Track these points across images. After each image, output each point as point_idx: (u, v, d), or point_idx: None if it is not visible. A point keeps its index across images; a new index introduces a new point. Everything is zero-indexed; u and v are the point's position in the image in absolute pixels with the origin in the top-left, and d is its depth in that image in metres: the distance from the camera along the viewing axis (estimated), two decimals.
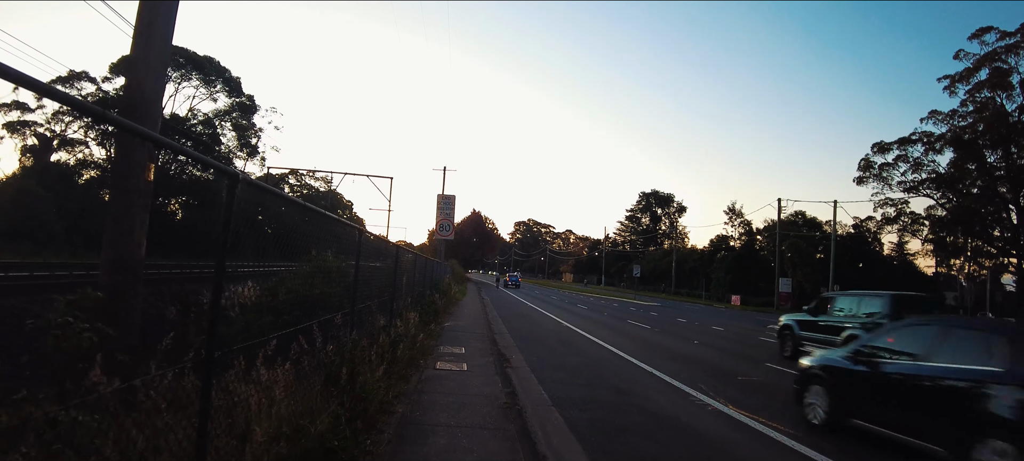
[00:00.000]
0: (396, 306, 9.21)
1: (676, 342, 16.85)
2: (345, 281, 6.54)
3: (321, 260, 6.48)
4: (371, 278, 7.79)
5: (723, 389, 9.55)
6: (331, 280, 6.40)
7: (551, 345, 14.19)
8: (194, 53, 50.16)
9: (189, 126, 47.51)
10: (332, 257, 6.46)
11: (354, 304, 6.49)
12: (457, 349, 11.25)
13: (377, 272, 8.41)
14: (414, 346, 8.53)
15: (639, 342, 16.09)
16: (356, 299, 6.58)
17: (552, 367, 10.66)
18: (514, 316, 22.91)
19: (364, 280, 7.03)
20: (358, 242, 6.52)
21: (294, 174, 61.84)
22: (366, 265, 7.16)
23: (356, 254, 6.45)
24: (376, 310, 8.04)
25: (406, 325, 8.84)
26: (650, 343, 16.05)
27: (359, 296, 6.71)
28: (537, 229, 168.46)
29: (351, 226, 6.76)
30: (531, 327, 18.67)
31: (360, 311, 6.84)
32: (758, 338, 20.23)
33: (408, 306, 10.03)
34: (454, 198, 22.29)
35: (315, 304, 5.78)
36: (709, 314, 35.71)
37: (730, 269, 64.76)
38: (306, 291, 5.88)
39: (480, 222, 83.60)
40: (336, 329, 5.88)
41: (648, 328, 20.99)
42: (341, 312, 6.06)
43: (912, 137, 43.95)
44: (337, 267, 6.49)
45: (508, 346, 12.91)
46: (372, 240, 7.91)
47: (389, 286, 8.92)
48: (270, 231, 4.76)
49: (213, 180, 44.72)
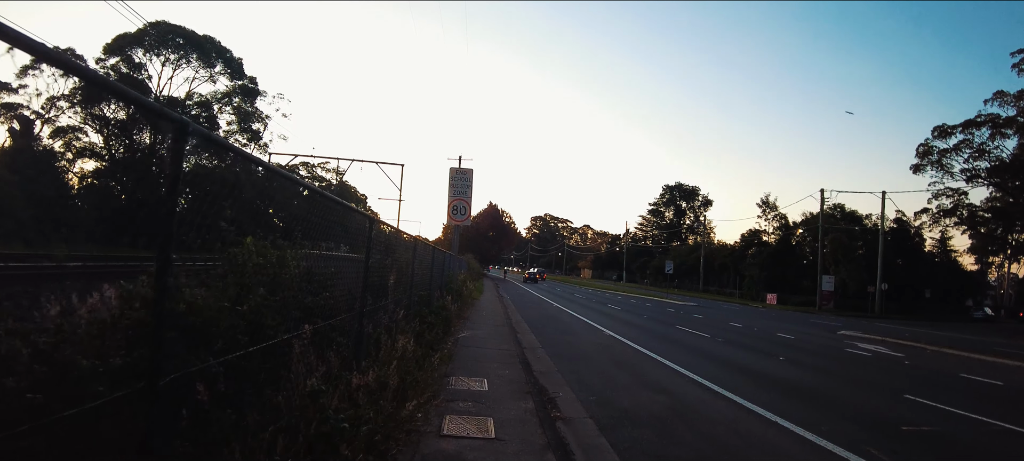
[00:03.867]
0: (373, 327, 5.45)
1: (758, 360, 12.95)
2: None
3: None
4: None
5: (907, 454, 5.84)
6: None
7: (603, 367, 10.37)
8: (193, 32, 47.10)
9: (184, 110, 44.25)
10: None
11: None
12: (476, 383, 7.48)
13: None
14: (399, 412, 4.61)
15: (712, 360, 12.22)
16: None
17: (623, 415, 6.87)
18: (542, 321, 19.11)
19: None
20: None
21: (305, 166, 58.52)
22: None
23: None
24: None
25: (385, 369, 4.94)
26: (727, 361, 12.17)
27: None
28: (554, 224, 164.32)
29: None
30: (567, 337, 14.86)
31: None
32: (845, 351, 16.27)
33: (401, 323, 6.24)
34: (471, 173, 17.86)
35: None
36: (756, 316, 31.61)
37: (764, 266, 60.33)
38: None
39: (497, 215, 79.74)
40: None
41: (707, 337, 17.08)
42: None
43: (977, 119, 39.29)
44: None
45: (546, 371, 9.14)
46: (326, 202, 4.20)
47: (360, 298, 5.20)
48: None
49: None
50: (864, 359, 14.67)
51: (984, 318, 52.91)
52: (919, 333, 24.70)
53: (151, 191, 37.39)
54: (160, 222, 2.54)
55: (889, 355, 15.84)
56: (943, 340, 21.23)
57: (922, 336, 22.05)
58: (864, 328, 26.40)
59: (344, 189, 61.65)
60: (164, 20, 45.42)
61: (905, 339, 20.58)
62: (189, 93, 45.98)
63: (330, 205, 4.34)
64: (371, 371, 4.59)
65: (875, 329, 25.91)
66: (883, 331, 24.62)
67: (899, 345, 18.72)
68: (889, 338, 20.27)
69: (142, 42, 45.08)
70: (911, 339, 20.70)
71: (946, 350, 17.71)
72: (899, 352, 16.75)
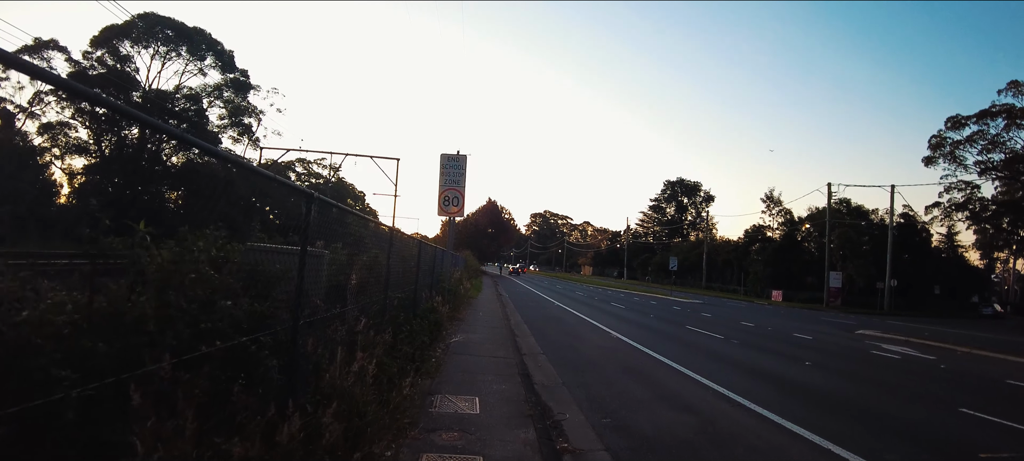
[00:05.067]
0: (322, 344, 4.12)
1: (782, 365, 11.68)
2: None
3: None
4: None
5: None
6: None
7: (614, 377, 9.08)
8: (182, 24, 45.76)
9: (172, 103, 42.87)
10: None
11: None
12: (465, 403, 6.21)
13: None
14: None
15: (732, 366, 10.95)
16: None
17: (646, 444, 5.58)
18: (543, 321, 17.85)
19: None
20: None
21: (302, 162, 57.12)
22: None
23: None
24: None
25: (324, 409, 3.58)
26: (749, 368, 10.90)
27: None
28: (554, 220, 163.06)
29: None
30: (571, 340, 13.58)
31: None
32: (871, 353, 15.02)
33: (365, 335, 4.90)
34: (465, 159, 16.10)
35: None
36: (765, 314, 30.36)
37: (769, 262, 59.03)
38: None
39: (496, 212, 78.28)
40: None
41: (720, 339, 15.82)
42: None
43: (992, 109, 37.91)
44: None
45: (550, 384, 7.88)
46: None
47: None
48: None
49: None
50: (895, 363, 13.41)
51: (993, 315, 51.80)
52: (940, 332, 23.44)
53: None
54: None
55: (920, 358, 14.59)
56: (969, 340, 19.97)
57: (947, 336, 20.80)
58: (880, 326, 25.14)
59: (341, 187, 60.02)
60: (152, 12, 43.96)
61: (928, 338, 19.33)
62: (177, 86, 44.58)
63: (246, 174, 3.10)
64: (312, 410, 3.32)
65: (892, 327, 24.67)
66: (901, 330, 23.37)
67: (925, 346, 17.47)
68: (913, 338, 19.01)
69: (130, 34, 43.69)
70: (935, 339, 19.44)
71: (978, 352, 16.45)
72: (929, 354, 15.50)
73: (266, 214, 42.58)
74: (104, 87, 38.95)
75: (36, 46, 37.63)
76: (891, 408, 8.20)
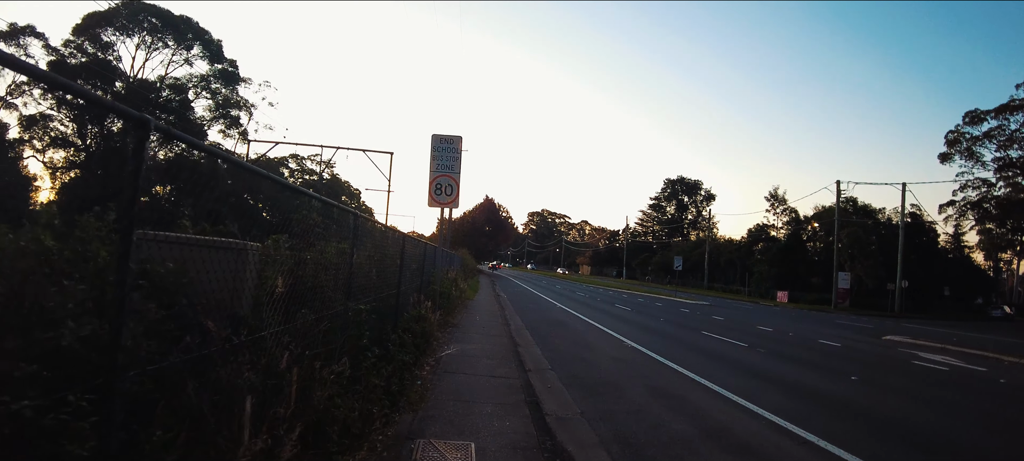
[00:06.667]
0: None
1: (826, 381, 10.09)
2: None
3: None
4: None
5: None
6: None
7: (643, 403, 7.41)
8: (168, 12, 43.87)
9: (157, 94, 41.10)
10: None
11: None
12: (458, 455, 4.59)
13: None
14: None
15: (772, 383, 9.32)
16: None
17: None
18: (546, 327, 16.23)
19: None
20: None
21: (295, 158, 55.38)
22: None
23: None
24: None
25: None
26: (793, 386, 9.28)
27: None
28: (552, 219, 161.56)
29: None
30: (581, 351, 11.93)
31: None
32: (914, 364, 13.47)
33: (312, 386, 3.23)
34: (460, 141, 14.06)
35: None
36: (777, 317, 28.81)
37: (774, 262, 57.51)
38: None
39: (493, 209, 76.60)
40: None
41: (744, 347, 14.22)
42: None
43: (1012, 103, 36.40)
44: None
45: (565, 415, 6.25)
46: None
47: None
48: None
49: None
50: (946, 377, 11.82)
51: (1003, 316, 50.40)
52: (971, 338, 21.92)
53: None
54: None
55: (969, 370, 13.01)
56: (1009, 347, 18.43)
57: (986, 343, 19.25)
58: (903, 331, 23.60)
59: (335, 184, 57.93)
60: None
61: (964, 346, 17.77)
62: (162, 77, 42.75)
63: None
64: None
65: (916, 332, 23.13)
66: (929, 335, 21.83)
67: (967, 355, 15.90)
68: (949, 346, 17.43)
69: (114, 22, 41.89)
70: (970, 345, 17.89)
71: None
72: (975, 365, 13.94)
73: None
74: (85, 77, 37.22)
75: (11, 32, 35.89)
76: (985, 442, 6.63)
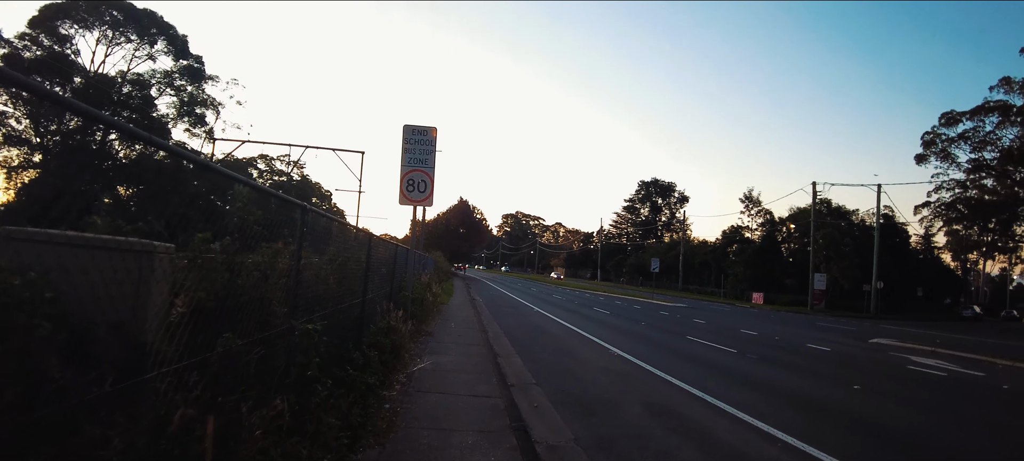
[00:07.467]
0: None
1: (827, 390, 9.39)
2: None
3: None
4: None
5: None
6: None
7: (642, 425, 6.51)
8: (131, 5, 41.84)
9: (118, 92, 39.16)
10: None
11: None
12: None
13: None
14: None
15: (772, 394, 8.55)
16: None
17: None
18: (526, 333, 15.34)
19: None
20: None
21: (264, 158, 53.54)
22: None
23: None
24: None
25: None
26: (794, 397, 8.52)
27: None
28: (526, 221, 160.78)
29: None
30: (566, 361, 11.05)
31: None
32: (909, 369, 12.93)
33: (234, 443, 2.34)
34: (434, 133, 12.90)
35: None
36: (757, 319, 28.42)
37: (749, 264, 57.60)
38: None
39: (468, 211, 75.51)
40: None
41: (734, 354, 13.50)
42: None
43: (987, 105, 36.75)
44: None
45: (560, 445, 5.31)
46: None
47: None
48: None
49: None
50: (946, 383, 11.26)
51: (973, 316, 51.33)
52: (952, 340, 21.71)
53: None
54: None
55: (968, 375, 12.50)
56: (997, 349, 18.18)
57: (973, 345, 19.03)
58: (885, 333, 23.36)
59: (305, 185, 56.14)
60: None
61: (953, 348, 17.43)
62: (123, 72, 40.75)
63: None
64: None
65: (897, 334, 22.90)
66: (913, 337, 21.57)
67: (960, 358, 15.48)
68: (939, 349, 17.06)
69: (72, 14, 39.82)
70: (961, 348, 17.55)
71: (1021, 365, 14.54)
72: (971, 369, 13.46)
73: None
74: (40, 72, 35.21)
75: None
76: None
